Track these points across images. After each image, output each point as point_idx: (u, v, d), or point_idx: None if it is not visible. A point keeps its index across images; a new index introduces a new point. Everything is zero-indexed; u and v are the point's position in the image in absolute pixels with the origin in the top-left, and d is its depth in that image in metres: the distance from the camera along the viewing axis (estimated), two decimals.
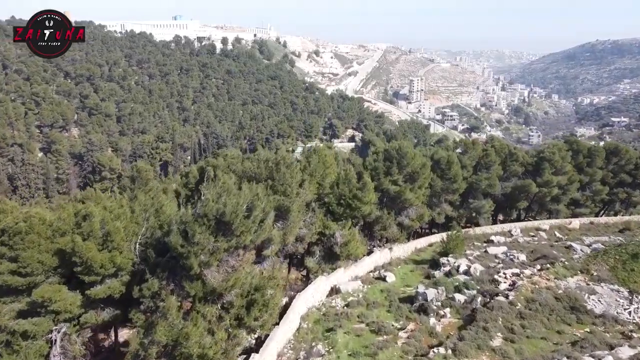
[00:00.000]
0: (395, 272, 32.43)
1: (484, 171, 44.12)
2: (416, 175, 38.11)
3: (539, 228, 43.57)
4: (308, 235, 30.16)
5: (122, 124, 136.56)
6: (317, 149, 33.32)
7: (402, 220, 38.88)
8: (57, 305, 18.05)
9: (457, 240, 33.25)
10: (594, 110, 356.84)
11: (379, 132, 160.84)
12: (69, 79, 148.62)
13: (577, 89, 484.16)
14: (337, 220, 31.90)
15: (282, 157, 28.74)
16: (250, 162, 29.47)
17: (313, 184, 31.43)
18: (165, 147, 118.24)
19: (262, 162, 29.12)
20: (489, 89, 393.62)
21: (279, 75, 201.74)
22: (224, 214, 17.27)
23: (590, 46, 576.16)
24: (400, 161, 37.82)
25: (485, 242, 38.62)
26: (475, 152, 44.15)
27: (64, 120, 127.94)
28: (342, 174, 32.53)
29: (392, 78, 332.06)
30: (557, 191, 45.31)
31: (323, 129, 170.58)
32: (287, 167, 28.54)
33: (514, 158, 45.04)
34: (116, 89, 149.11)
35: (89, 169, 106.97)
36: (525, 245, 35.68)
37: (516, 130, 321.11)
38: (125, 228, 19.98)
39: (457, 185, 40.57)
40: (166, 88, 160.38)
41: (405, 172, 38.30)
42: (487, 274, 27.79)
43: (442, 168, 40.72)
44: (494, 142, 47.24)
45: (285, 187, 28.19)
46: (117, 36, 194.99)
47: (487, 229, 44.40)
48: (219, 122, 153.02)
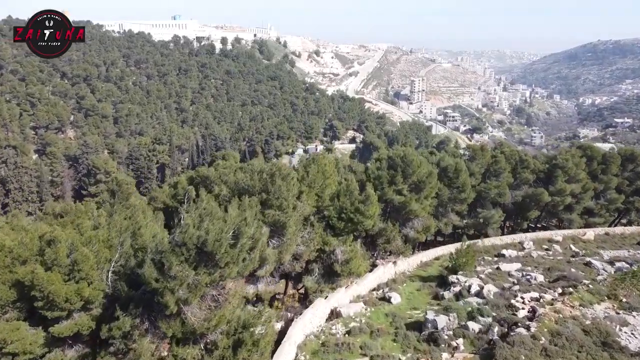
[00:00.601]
0: (400, 291, 29.97)
1: (494, 179, 41.69)
2: (422, 185, 35.66)
3: (552, 239, 41.10)
4: (306, 253, 27.72)
5: (119, 125, 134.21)
6: (316, 158, 30.85)
7: (407, 233, 36.43)
8: (15, 346, 15.62)
9: (467, 256, 30.77)
10: (597, 110, 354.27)
11: (380, 133, 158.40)
12: (66, 80, 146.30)
13: (579, 90, 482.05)
14: (337, 236, 29.45)
15: (277, 168, 26.29)
16: (244, 173, 27.03)
17: (312, 196, 29.00)
18: (162, 149, 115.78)
19: (255, 173, 26.69)
20: (490, 90, 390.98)
21: (279, 76, 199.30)
22: (205, 242, 14.82)
23: (591, 46, 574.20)
24: (405, 169, 35.36)
25: (496, 256, 36.16)
26: (484, 159, 41.69)
27: (60, 121, 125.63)
28: (343, 186, 30.05)
29: (393, 78, 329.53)
30: (570, 200, 42.83)
31: (323, 130, 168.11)
32: (283, 179, 26.09)
33: (524, 165, 42.54)
34: (113, 89, 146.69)
35: (84, 172, 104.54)
36: (540, 261, 33.20)
37: (518, 131, 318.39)
38: (98, 254, 17.54)
39: (465, 195, 38.11)
40: (164, 89, 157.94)
41: (410, 181, 35.86)
42: (502, 296, 25.32)
43: (449, 176, 38.27)
44: (503, 147, 44.77)
45: (280, 201, 25.75)
46: (115, 36, 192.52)
47: (496, 240, 41.97)
48: (217, 123, 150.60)
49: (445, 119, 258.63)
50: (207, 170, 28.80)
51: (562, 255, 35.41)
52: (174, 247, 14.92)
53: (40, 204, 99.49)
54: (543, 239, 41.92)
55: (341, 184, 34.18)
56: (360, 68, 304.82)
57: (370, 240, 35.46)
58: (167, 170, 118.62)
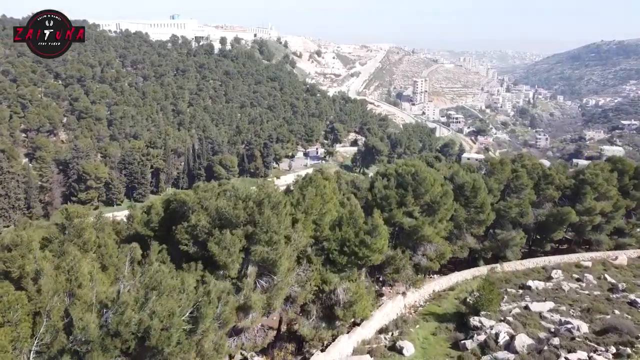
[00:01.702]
0: (413, 337, 25.43)
1: (514, 196, 37.16)
2: (436, 206, 31.15)
3: (580, 264, 36.56)
4: (302, 295, 23.25)
5: (113, 128, 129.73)
6: (313, 178, 26.32)
7: (419, 260, 31.93)
8: None
9: (492, 294, 26.19)
10: (601, 112, 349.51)
11: (383, 136, 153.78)
12: (60, 80, 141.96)
13: (582, 90, 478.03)
14: (339, 271, 24.98)
15: (266, 194, 21.78)
16: (227, 200, 22.49)
17: (308, 224, 24.51)
18: (157, 153, 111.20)
19: (240, 200, 22.17)
20: (493, 90, 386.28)
21: (279, 77, 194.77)
22: (148, 332, 10.32)
23: (595, 47, 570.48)
24: (417, 189, 30.85)
25: (520, 287, 31.61)
26: (503, 174, 37.13)
27: (52, 124, 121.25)
28: (345, 212, 25.53)
29: (395, 79, 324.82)
30: (599, 219, 38.27)
31: (324, 132, 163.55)
32: (272, 208, 21.58)
33: (549, 180, 37.99)
34: (108, 91, 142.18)
35: (75, 177, 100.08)
36: (573, 297, 28.65)
37: (522, 133, 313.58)
38: (19, 325, 13.07)
39: (484, 216, 33.59)
40: (161, 90, 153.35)
41: (422, 201, 31.37)
42: (537, 350, 20.76)
43: (466, 195, 33.71)
44: (523, 160, 40.18)
45: (270, 235, 21.25)
46: (112, 36, 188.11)
47: (517, 264, 37.45)
48: (215, 125, 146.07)
49: (448, 121, 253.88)
50: (185, 194, 24.31)
51: (598, 288, 30.83)
52: (105, 336, 10.41)
53: (28, 211, 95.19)
54: (569, 263, 37.38)
55: (344, 205, 29.73)
56: (362, 68, 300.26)
57: (376, 269, 31.02)
58: (161, 175, 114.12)
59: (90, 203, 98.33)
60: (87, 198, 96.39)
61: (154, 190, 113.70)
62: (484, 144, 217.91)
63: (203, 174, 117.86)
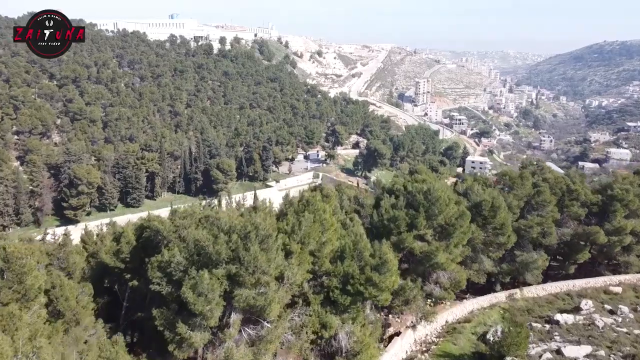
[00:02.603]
0: None
1: (535, 214, 33.39)
2: (451, 229, 27.45)
3: (609, 290, 32.85)
4: (297, 345, 19.56)
5: (108, 130, 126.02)
6: (310, 201, 22.60)
7: (431, 290, 28.26)
8: None
9: (519, 337, 22.45)
10: (605, 113, 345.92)
11: (385, 138, 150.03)
12: (54, 81, 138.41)
13: (585, 91, 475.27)
14: (341, 312, 21.29)
15: (253, 225, 18.08)
16: (207, 231, 18.80)
17: (305, 257, 20.82)
18: (152, 157, 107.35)
19: (222, 232, 18.48)
20: (496, 91, 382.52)
21: (279, 77, 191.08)
22: None
23: (597, 47, 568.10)
24: (430, 209, 27.14)
25: (547, 322, 27.89)
26: (523, 189, 33.39)
27: (44, 126, 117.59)
28: (348, 243, 21.83)
29: (397, 79, 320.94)
30: (630, 239, 34.54)
31: (325, 135, 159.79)
32: (261, 243, 17.89)
33: (573, 196, 34.29)
34: (103, 91, 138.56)
35: (66, 182, 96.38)
36: (610, 336, 24.93)
37: (526, 134, 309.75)
38: None
39: (504, 239, 29.90)
40: (158, 91, 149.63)
41: (435, 224, 27.65)
42: None
43: (484, 215, 29.97)
44: (544, 173, 36.46)
45: (258, 276, 17.57)
46: (109, 35, 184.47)
47: (538, 289, 33.76)
48: (213, 127, 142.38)
49: (451, 122, 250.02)
50: (159, 222, 20.66)
51: (637, 324, 27.07)
52: None
53: (17, 218, 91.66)
54: (596, 288, 33.66)
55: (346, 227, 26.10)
56: (364, 69, 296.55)
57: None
58: (157, 179, 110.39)
59: (82, 209, 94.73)
60: (79, 204, 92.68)
61: (149, 195, 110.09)
62: (487, 146, 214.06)
63: (200, 178, 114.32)
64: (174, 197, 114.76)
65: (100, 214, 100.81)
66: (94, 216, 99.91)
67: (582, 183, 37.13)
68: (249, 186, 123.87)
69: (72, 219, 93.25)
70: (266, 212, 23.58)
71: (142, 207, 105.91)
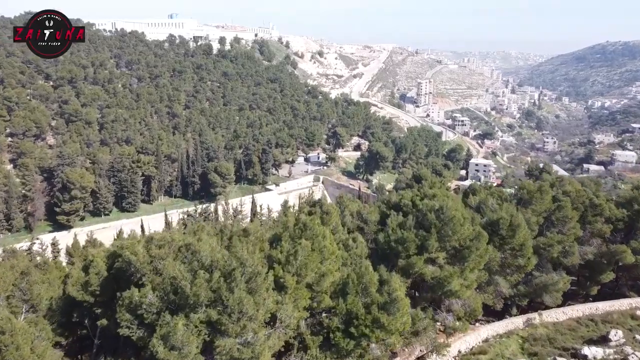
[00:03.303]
0: None
1: (555, 231, 30.46)
2: (466, 252, 24.56)
3: (637, 316, 29.92)
4: None
5: (104, 132, 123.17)
6: (308, 225, 19.70)
7: (443, 319, 25.35)
8: None
9: None
10: (609, 114, 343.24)
11: (387, 141, 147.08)
12: (50, 82, 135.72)
13: (587, 92, 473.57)
14: (344, 357, 18.40)
15: (238, 260, 15.23)
16: (186, 266, 15.93)
17: (302, 293, 17.97)
18: (148, 160, 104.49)
19: (203, 269, 15.61)
20: (498, 92, 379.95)
21: (280, 78, 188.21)
22: None
23: (600, 47, 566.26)
24: (443, 229, 24.27)
25: (573, 355, 24.94)
26: (542, 204, 30.47)
27: (39, 128, 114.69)
28: (352, 276, 18.95)
29: (399, 80, 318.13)
30: None
31: (326, 137, 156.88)
32: (248, 282, 15.05)
33: (597, 211, 31.39)
34: (100, 93, 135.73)
35: (59, 186, 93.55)
36: None
37: (529, 136, 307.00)
38: None
39: (523, 261, 27.01)
40: (155, 92, 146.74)
41: (449, 245, 24.76)
42: None
43: (500, 234, 27.06)
44: (564, 185, 33.55)
45: (244, 323, 14.70)
46: (107, 35, 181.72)
47: (558, 313, 30.85)
48: (212, 129, 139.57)
49: (454, 123, 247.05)
50: (132, 252, 17.78)
51: None
52: None
53: (8, 223, 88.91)
54: (622, 312, 30.72)
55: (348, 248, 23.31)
56: (365, 69, 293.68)
57: None
58: (153, 183, 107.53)
59: (76, 214, 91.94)
60: (72, 209, 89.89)
61: (145, 199, 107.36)
62: (490, 147, 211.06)
63: (197, 182, 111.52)
64: (171, 201, 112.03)
65: (95, 219, 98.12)
66: (88, 221, 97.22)
67: (589, 186, 34.19)
68: (248, 190, 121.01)
69: (65, 224, 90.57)
70: (257, 237, 20.72)
71: (138, 212, 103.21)
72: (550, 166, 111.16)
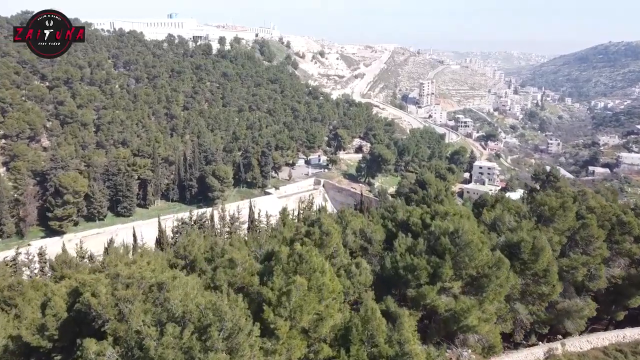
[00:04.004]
0: None
1: (579, 251, 27.54)
2: (485, 281, 21.64)
3: None
4: None
5: (100, 134, 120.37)
6: (304, 257, 16.79)
7: (458, 355, 22.44)
8: None
9: None
10: (612, 115, 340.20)
11: (390, 143, 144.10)
12: (46, 82, 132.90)
13: (590, 92, 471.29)
14: None
15: (216, 313, 12.32)
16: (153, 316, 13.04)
17: (296, 342, 15.09)
18: (144, 163, 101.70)
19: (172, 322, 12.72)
20: (501, 93, 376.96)
21: (280, 79, 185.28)
22: None
23: (603, 48, 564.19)
24: (458, 255, 21.37)
25: None
26: (565, 222, 27.54)
27: (33, 130, 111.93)
28: (355, 322, 16.04)
29: (400, 80, 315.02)
30: None
31: (327, 139, 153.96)
32: (227, 340, 12.16)
33: (625, 230, 28.45)
34: (96, 93, 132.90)
35: (52, 190, 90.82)
36: None
37: (532, 137, 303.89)
38: None
39: (547, 289, 24.09)
40: (153, 93, 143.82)
41: (464, 273, 21.86)
42: None
43: (522, 258, 24.14)
44: (587, 200, 30.61)
45: None
46: (104, 35, 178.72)
47: (582, 342, 27.91)
48: (211, 131, 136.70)
49: (456, 125, 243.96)
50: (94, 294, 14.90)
51: None
52: None
53: None
54: None
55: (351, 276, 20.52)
56: (367, 70, 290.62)
57: None
58: (149, 187, 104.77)
59: (69, 219, 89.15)
60: (64, 214, 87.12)
61: (141, 203, 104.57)
62: (494, 149, 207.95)
63: (195, 186, 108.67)
64: (167, 205, 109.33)
65: (89, 224, 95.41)
66: (82, 226, 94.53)
67: (608, 197, 31.29)
68: (247, 193, 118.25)
69: (58, 230, 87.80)
70: (246, 267, 17.85)
71: (134, 217, 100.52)
72: (558, 170, 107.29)
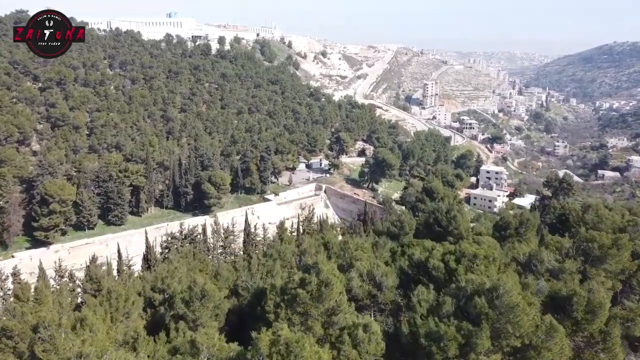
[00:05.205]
0: None
1: (636, 299, 22.49)
2: (533, 354, 16.63)
3: None
4: None
5: (93, 137, 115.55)
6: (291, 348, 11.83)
7: None
8: None
9: None
10: (619, 116, 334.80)
11: (393, 146, 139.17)
12: (39, 83, 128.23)
13: (595, 93, 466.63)
14: None
15: None
16: None
17: None
18: (137, 169, 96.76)
19: None
20: (505, 93, 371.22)
21: (281, 79, 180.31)
22: None
23: (607, 48, 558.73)
24: (499, 321, 16.40)
25: None
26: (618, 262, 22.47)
27: (22, 133, 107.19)
28: None
29: (404, 81, 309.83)
30: None
31: (329, 142, 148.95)
32: None
33: None
34: (90, 95, 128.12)
35: (38, 198, 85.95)
36: None
37: (538, 139, 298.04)
38: None
39: (607, 356, 18.91)
40: (149, 94, 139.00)
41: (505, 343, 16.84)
42: None
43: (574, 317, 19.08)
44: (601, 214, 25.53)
45: None
46: (101, 35, 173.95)
47: None
48: (209, 134, 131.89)
49: (461, 126, 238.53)
50: None
51: None
52: None
53: None
54: None
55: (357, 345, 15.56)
56: (369, 70, 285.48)
57: None
58: (142, 194, 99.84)
59: (55, 229, 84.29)
60: (50, 224, 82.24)
61: (133, 211, 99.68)
62: (500, 152, 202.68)
63: (190, 192, 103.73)
64: (162, 212, 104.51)
65: (78, 234, 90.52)
66: (71, 236, 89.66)
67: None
68: (245, 200, 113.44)
69: (44, 240, 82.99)
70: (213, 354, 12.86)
71: (126, 225, 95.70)
72: (571, 176, 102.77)
